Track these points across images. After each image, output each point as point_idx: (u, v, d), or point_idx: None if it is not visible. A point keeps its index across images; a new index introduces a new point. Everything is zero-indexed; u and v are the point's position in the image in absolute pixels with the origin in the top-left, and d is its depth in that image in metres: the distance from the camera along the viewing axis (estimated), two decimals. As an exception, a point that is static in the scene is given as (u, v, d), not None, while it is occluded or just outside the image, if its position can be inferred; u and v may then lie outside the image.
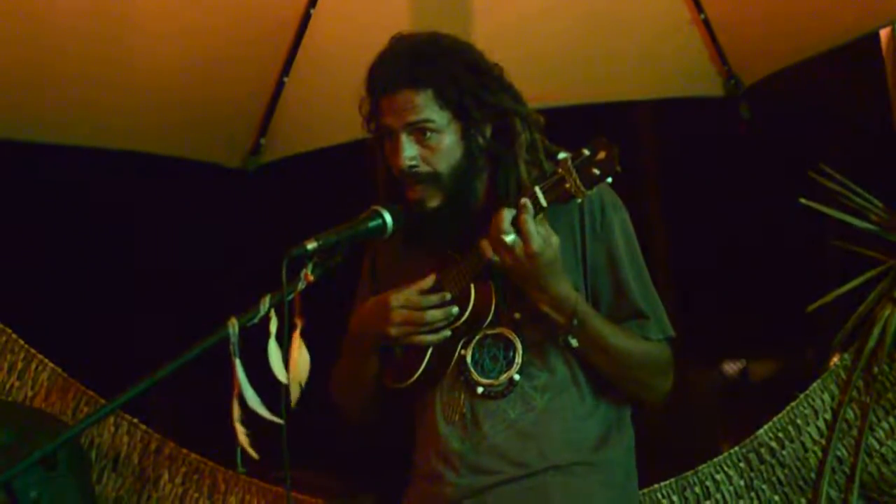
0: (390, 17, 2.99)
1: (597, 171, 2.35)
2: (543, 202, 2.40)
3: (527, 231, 2.40)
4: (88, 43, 3.60)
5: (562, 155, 2.40)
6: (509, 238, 2.41)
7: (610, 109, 4.25)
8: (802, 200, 3.68)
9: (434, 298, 2.58)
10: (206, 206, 4.76)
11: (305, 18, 3.83)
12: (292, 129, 4.12)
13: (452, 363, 2.61)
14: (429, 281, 2.60)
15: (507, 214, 2.42)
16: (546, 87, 3.78)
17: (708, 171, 5.13)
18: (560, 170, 2.38)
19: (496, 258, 2.45)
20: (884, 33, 3.82)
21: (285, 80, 3.96)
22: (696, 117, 4.61)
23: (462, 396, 2.60)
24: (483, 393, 2.58)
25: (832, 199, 3.71)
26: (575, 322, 2.50)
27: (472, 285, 2.57)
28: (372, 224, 2.52)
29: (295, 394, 2.36)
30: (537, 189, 2.41)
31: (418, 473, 2.70)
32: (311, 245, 2.39)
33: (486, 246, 2.46)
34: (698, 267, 5.13)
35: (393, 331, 2.58)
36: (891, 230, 3.65)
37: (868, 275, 3.67)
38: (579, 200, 2.41)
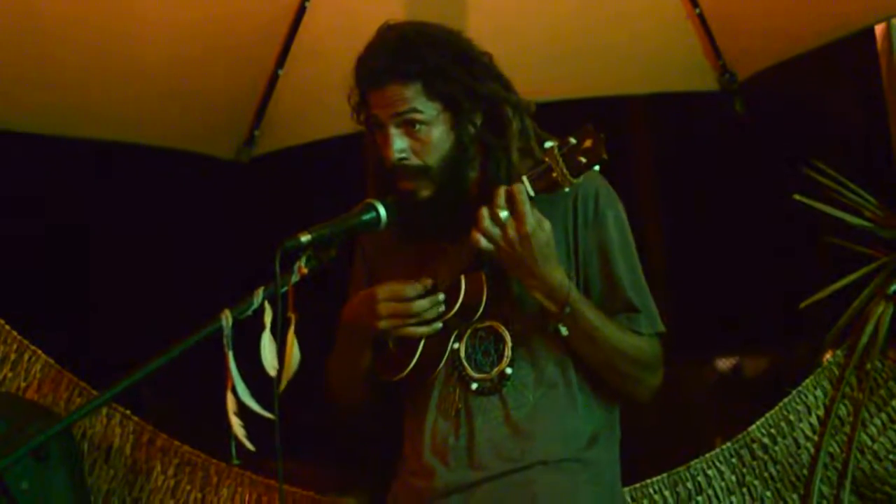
0: (385, 10, 2.97)
1: (583, 159, 2.35)
2: (531, 192, 2.40)
3: (521, 211, 2.39)
4: (82, 34, 3.59)
5: (548, 144, 2.40)
6: (503, 213, 2.40)
7: (604, 103, 4.25)
8: (796, 196, 3.68)
9: (419, 288, 2.56)
10: (199, 198, 4.74)
11: (300, 10, 3.82)
12: (287, 120, 4.12)
13: (445, 357, 2.60)
14: (417, 273, 2.58)
15: (502, 191, 2.41)
16: (539, 81, 3.77)
17: (701, 165, 5.12)
18: (547, 159, 2.38)
19: (489, 247, 2.43)
20: (878, 28, 3.83)
21: (280, 71, 3.95)
22: (690, 112, 4.60)
23: (457, 392, 2.60)
24: (477, 389, 2.58)
25: (826, 195, 3.71)
26: (566, 310, 2.49)
27: (462, 277, 2.56)
28: (366, 217, 2.51)
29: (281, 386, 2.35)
30: (525, 179, 2.41)
31: (408, 467, 2.68)
32: (305, 238, 2.39)
33: (477, 236, 2.44)
34: (691, 262, 5.12)
35: (381, 323, 2.57)
36: (884, 227, 3.65)
37: (861, 271, 3.67)
38: (567, 189, 2.40)
